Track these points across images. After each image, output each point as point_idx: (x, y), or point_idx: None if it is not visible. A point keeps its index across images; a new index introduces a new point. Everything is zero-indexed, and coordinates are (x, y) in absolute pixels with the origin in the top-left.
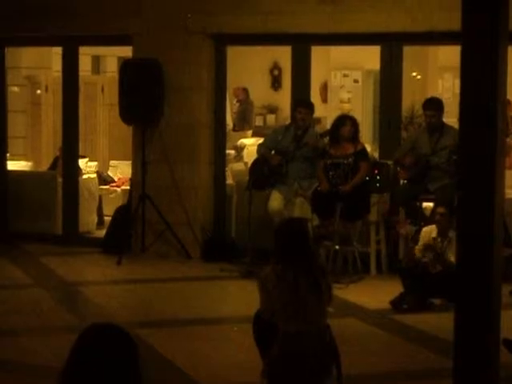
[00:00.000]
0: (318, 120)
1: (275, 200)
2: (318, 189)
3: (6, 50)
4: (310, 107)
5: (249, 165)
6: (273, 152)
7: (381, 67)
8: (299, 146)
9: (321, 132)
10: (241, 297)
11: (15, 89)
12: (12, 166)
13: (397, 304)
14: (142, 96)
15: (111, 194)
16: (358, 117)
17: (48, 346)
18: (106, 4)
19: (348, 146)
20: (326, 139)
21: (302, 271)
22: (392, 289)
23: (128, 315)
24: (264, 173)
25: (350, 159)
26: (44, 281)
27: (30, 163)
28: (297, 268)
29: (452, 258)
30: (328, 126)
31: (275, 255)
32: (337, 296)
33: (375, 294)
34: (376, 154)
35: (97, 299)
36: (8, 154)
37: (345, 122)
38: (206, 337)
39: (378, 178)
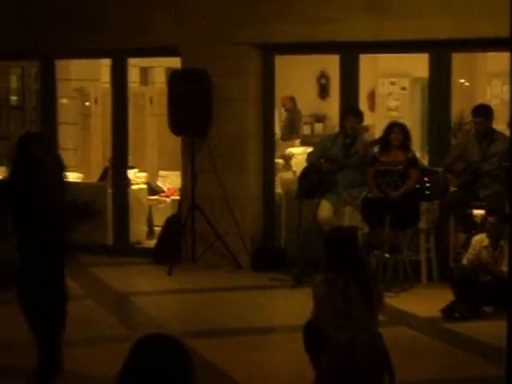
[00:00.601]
0: (366, 128)
1: (324, 209)
2: (368, 196)
3: (55, 62)
4: (360, 115)
5: (297, 174)
6: (322, 160)
7: (429, 75)
8: (348, 155)
9: (370, 141)
10: (291, 306)
11: (65, 101)
12: None
13: (448, 312)
14: (190, 106)
15: (161, 204)
16: (406, 124)
17: (100, 356)
18: (154, 15)
19: (398, 154)
20: (376, 147)
21: (352, 279)
22: (443, 297)
23: (179, 325)
24: (314, 181)
25: (400, 166)
26: (95, 291)
27: (80, 174)
28: (347, 276)
29: (504, 267)
30: (375, 135)
31: (326, 263)
32: (387, 304)
33: (426, 302)
34: (425, 162)
35: (148, 309)
36: None
37: (393, 129)
38: (258, 346)
39: (427, 185)
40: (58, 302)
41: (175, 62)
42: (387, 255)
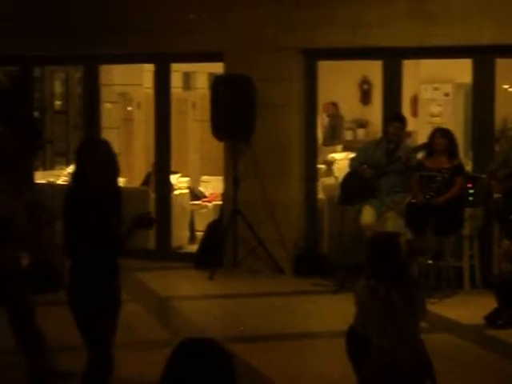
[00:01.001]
0: (409, 134)
1: (367, 214)
2: (412, 201)
3: (99, 67)
4: (403, 121)
5: (339, 179)
6: (365, 166)
7: (473, 80)
8: (391, 161)
9: (414, 146)
10: (333, 311)
11: (108, 105)
12: None
13: (491, 319)
14: (233, 112)
15: (203, 209)
16: (451, 130)
17: (142, 360)
18: (197, 21)
19: (443, 159)
20: (419, 153)
21: (394, 285)
22: (486, 304)
23: (221, 330)
24: (356, 187)
25: (446, 174)
26: (138, 295)
27: (123, 179)
28: (389, 282)
29: None
30: (418, 140)
31: (367, 269)
32: (430, 311)
33: (469, 308)
34: (469, 168)
35: (190, 314)
36: None
37: (437, 134)
38: (300, 351)
39: (471, 191)
40: (109, 306)
41: (218, 68)
42: (430, 261)
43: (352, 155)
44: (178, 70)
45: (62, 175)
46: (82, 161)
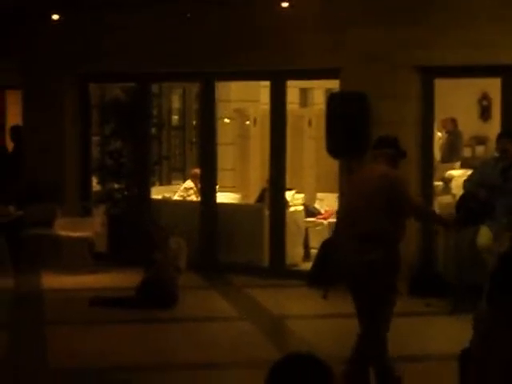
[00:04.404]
0: None
1: (484, 236)
2: None
3: (216, 83)
4: None
5: (457, 197)
6: (480, 188)
7: None
8: (506, 180)
9: None
10: (447, 333)
11: (225, 121)
12: (221, 198)
13: None
14: (348, 129)
15: (318, 226)
16: None
17: (252, 379)
18: (313, 38)
19: None
20: None
21: None
22: None
23: (333, 350)
24: (471, 209)
25: None
26: (250, 313)
27: (238, 195)
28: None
29: None
30: None
31: (488, 295)
32: None
33: None
34: None
35: (302, 333)
36: (217, 186)
37: None
38: (412, 373)
39: None
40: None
41: (336, 84)
42: None
43: (470, 172)
44: (295, 85)
45: (179, 190)
46: None
